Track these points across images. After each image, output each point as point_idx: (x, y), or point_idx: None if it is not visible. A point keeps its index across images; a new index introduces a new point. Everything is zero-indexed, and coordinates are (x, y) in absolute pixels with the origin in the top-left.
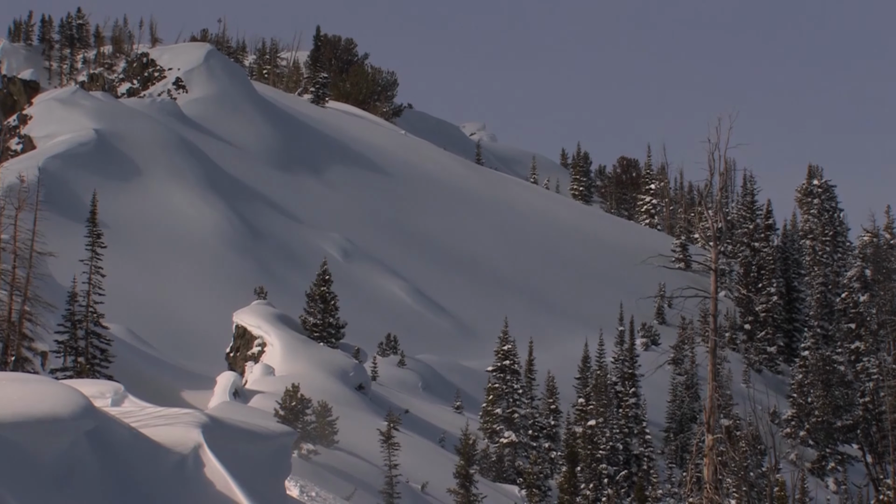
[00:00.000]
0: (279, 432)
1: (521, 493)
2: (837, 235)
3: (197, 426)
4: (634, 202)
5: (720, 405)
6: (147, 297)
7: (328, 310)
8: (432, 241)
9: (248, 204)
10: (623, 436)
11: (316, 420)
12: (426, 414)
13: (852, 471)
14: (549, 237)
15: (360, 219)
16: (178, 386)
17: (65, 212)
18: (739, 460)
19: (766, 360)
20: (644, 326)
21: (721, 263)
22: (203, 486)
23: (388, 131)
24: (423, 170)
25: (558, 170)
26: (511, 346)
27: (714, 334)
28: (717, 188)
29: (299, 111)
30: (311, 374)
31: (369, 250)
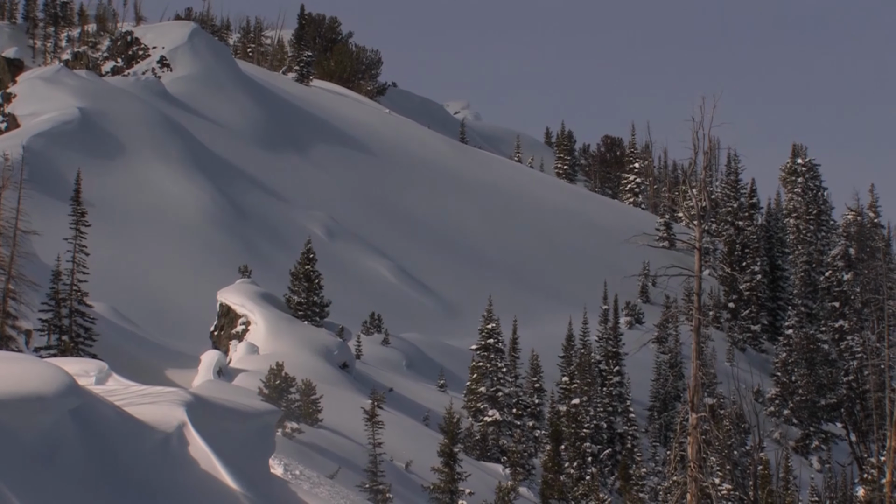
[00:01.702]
0: (263, 411)
1: (505, 472)
2: (821, 214)
3: (181, 405)
4: (618, 181)
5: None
6: (131, 276)
7: (312, 288)
8: (416, 219)
9: (233, 182)
10: (607, 414)
11: (300, 398)
12: (410, 392)
13: (836, 449)
14: (533, 216)
15: (344, 197)
16: (162, 364)
17: (49, 190)
18: (723, 439)
19: (750, 338)
20: (628, 305)
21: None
22: (187, 465)
23: (372, 110)
24: (408, 148)
25: (542, 149)
26: (495, 325)
27: (698, 313)
28: (701, 167)
29: (283, 90)
30: (296, 353)
31: (353, 229)
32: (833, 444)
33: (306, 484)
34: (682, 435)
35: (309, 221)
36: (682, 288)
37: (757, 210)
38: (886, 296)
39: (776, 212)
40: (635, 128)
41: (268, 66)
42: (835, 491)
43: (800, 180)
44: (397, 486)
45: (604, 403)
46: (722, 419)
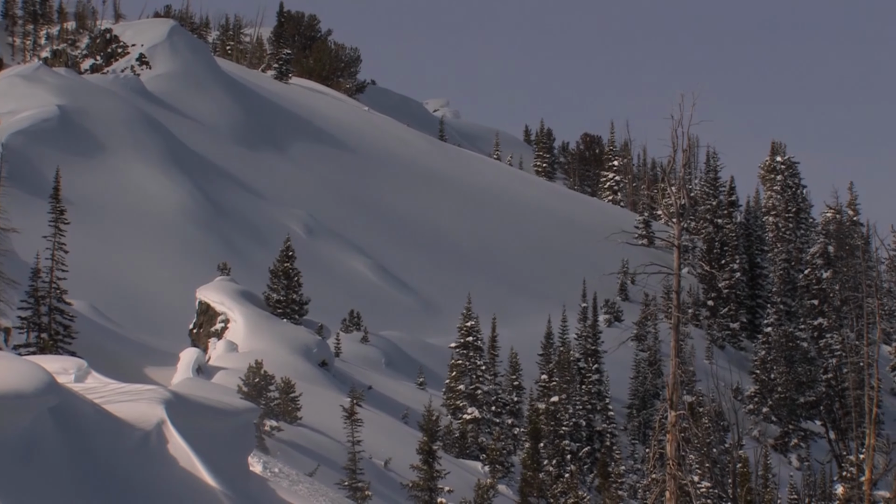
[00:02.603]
0: (242, 408)
1: (484, 469)
2: (800, 212)
3: (160, 402)
4: (597, 179)
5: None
6: (110, 274)
7: (291, 286)
8: (396, 217)
9: (212, 180)
10: (586, 412)
11: (279, 396)
12: (389, 390)
13: (815, 447)
14: (512, 214)
15: (323, 195)
16: (141, 362)
17: (28, 188)
18: (702, 436)
19: (729, 336)
20: (607, 303)
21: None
22: (166, 463)
23: (351, 108)
24: (387, 146)
25: (522, 146)
26: (474, 323)
27: (677, 310)
28: (680, 165)
29: (262, 87)
30: (275, 351)
31: (333, 227)
32: (812, 441)
33: (285, 482)
34: (661, 433)
35: (288, 219)
36: (662, 286)
37: (736, 208)
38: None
39: (755, 209)
40: (614, 126)
41: (247, 63)
42: (814, 489)
43: (779, 178)
44: (376, 483)
45: (583, 401)
46: (701, 417)
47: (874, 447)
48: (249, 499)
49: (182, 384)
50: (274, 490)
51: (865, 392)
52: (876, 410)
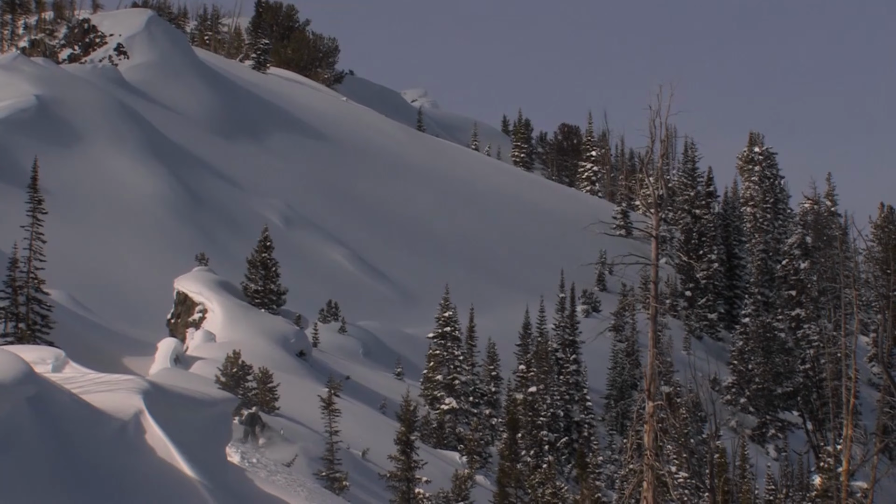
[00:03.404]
0: (220, 398)
1: (462, 460)
2: (778, 203)
3: (138, 392)
4: (575, 169)
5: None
6: (88, 264)
7: (269, 276)
8: (374, 208)
9: (190, 170)
10: (564, 402)
11: (257, 386)
12: (367, 380)
13: (793, 438)
14: (490, 204)
15: (301, 185)
16: (119, 352)
17: (6, 178)
18: (680, 427)
19: (707, 326)
20: (585, 293)
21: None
22: (144, 452)
23: (329, 98)
24: (365, 136)
25: (500, 137)
26: (452, 313)
27: (655, 301)
28: (658, 155)
29: (240, 77)
30: (253, 341)
31: (310, 217)
32: (789, 432)
33: (263, 472)
34: (639, 423)
35: (266, 209)
36: (639, 276)
37: (714, 198)
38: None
39: (733, 200)
40: (592, 116)
41: (225, 53)
42: (791, 479)
43: (757, 169)
44: (354, 473)
45: (560, 392)
46: (679, 407)
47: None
48: (227, 489)
49: (160, 374)
50: (251, 480)
51: (843, 382)
52: (853, 401)
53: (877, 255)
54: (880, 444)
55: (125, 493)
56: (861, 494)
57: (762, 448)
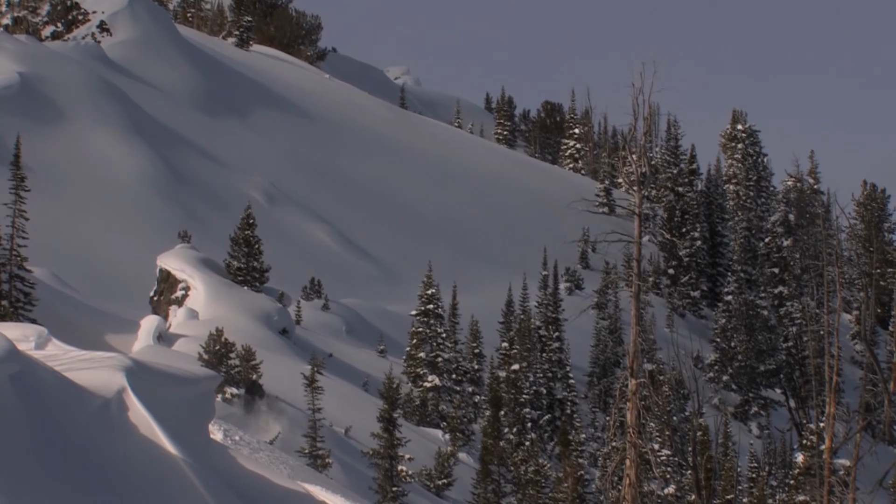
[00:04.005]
0: (203, 376)
1: (445, 437)
2: (761, 180)
3: (121, 370)
4: (558, 147)
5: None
6: (71, 241)
7: (252, 254)
8: (357, 185)
9: (173, 147)
10: (546, 380)
11: (240, 364)
12: (350, 358)
13: (775, 415)
14: (473, 181)
15: (284, 163)
16: (101, 329)
17: None
18: (663, 405)
19: (690, 304)
20: (568, 271)
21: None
22: (126, 430)
23: (312, 75)
24: (348, 114)
25: (482, 114)
26: (435, 291)
27: (638, 279)
28: (641, 133)
29: (223, 55)
30: (235, 318)
31: (293, 194)
32: (772, 410)
33: (246, 449)
34: (622, 401)
35: (248, 186)
36: (622, 254)
37: (697, 176)
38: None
39: (716, 178)
40: (575, 94)
41: (207, 31)
42: (774, 457)
43: (740, 146)
44: (337, 451)
45: (543, 369)
46: (661, 385)
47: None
48: (210, 467)
49: (142, 351)
50: (234, 458)
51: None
52: (836, 379)
53: (859, 233)
54: (863, 422)
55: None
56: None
57: (745, 426)
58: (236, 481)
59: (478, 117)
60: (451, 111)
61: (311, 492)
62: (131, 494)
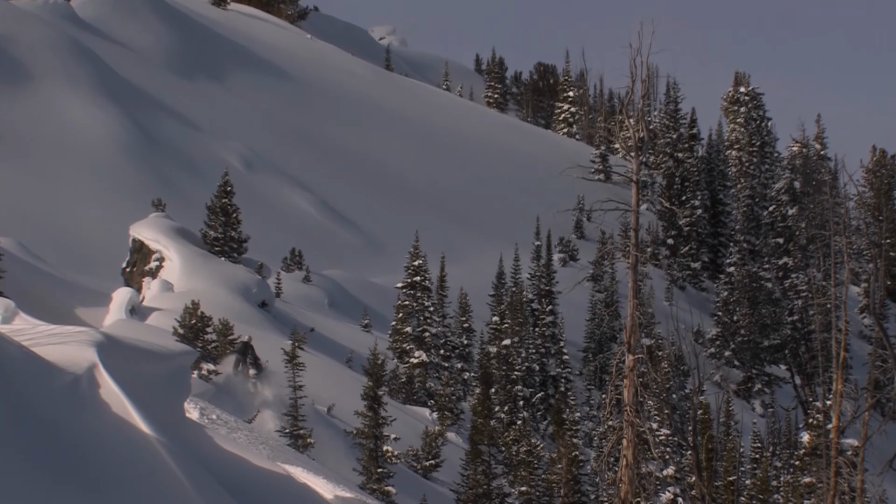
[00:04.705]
0: (178, 351)
1: (433, 416)
2: (765, 146)
3: (91, 345)
4: (552, 110)
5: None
6: (39, 210)
7: (230, 223)
8: (340, 151)
9: (146, 111)
10: (539, 356)
11: (217, 339)
12: (332, 332)
13: (780, 393)
14: (462, 147)
15: (263, 127)
16: (71, 303)
17: None
18: (661, 382)
19: (690, 276)
20: (562, 241)
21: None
22: (98, 408)
23: (293, 35)
24: (330, 76)
25: (472, 76)
26: (422, 262)
27: (635, 249)
28: (638, 96)
29: (199, 13)
30: (212, 291)
31: (273, 161)
32: (777, 387)
33: (223, 429)
34: (618, 378)
35: (226, 152)
36: (619, 223)
37: (697, 141)
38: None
39: (717, 143)
40: (570, 55)
41: None
42: (778, 436)
43: (742, 110)
44: (319, 430)
45: (536, 345)
46: (660, 361)
47: (841, 393)
48: (185, 447)
49: (114, 326)
50: (211, 438)
51: (832, 335)
52: (843, 354)
53: (868, 201)
54: (871, 400)
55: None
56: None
57: (748, 404)
58: (213, 462)
59: (467, 80)
60: (439, 73)
61: (292, 473)
62: (102, 475)
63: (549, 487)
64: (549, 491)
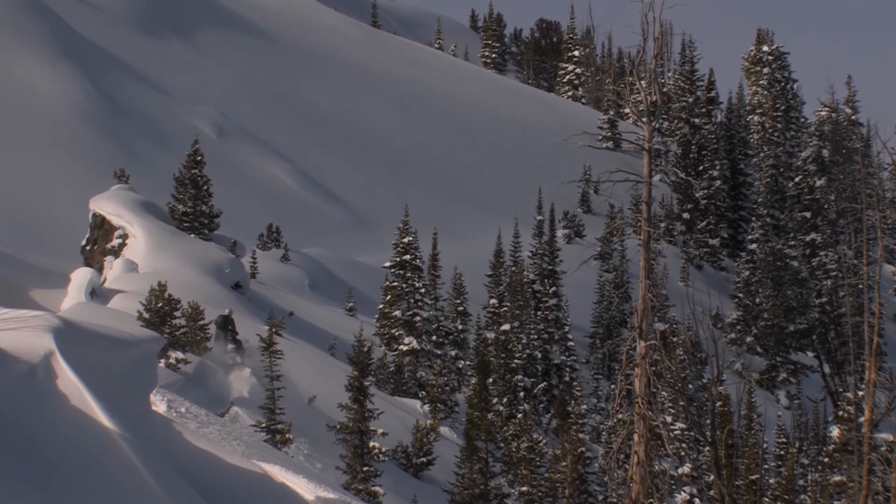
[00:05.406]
0: (143, 338)
1: (424, 409)
2: (790, 110)
3: (48, 330)
4: (555, 71)
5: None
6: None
7: (200, 196)
8: (321, 116)
9: (108, 73)
10: (542, 343)
11: (186, 324)
12: (314, 317)
13: (807, 382)
14: (456, 112)
15: (237, 91)
16: (25, 284)
17: None
18: (676, 371)
19: (708, 254)
20: (566, 215)
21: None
22: (55, 399)
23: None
24: (311, 34)
25: (467, 34)
26: (412, 239)
27: (647, 225)
28: (651, 55)
29: None
30: (181, 271)
31: (248, 127)
32: (803, 376)
33: (193, 423)
34: (629, 366)
35: (196, 118)
36: (629, 196)
37: (716, 105)
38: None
39: (738, 107)
40: (575, 10)
41: None
42: (805, 431)
43: (765, 71)
44: (298, 424)
45: (538, 330)
46: (675, 348)
47: (875, 382)
48: (151, 443)
49: (74, 309)
50: (180, 433)
51: (865, 318)
52: (877, 340)
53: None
54: None
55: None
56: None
57: (772, 395)
58: (182, 460)
59: (462, 38)
60: (431, 31)
61: (269, 472)
62: (59, 474)
63: (552, 487)
64: (553, 491)
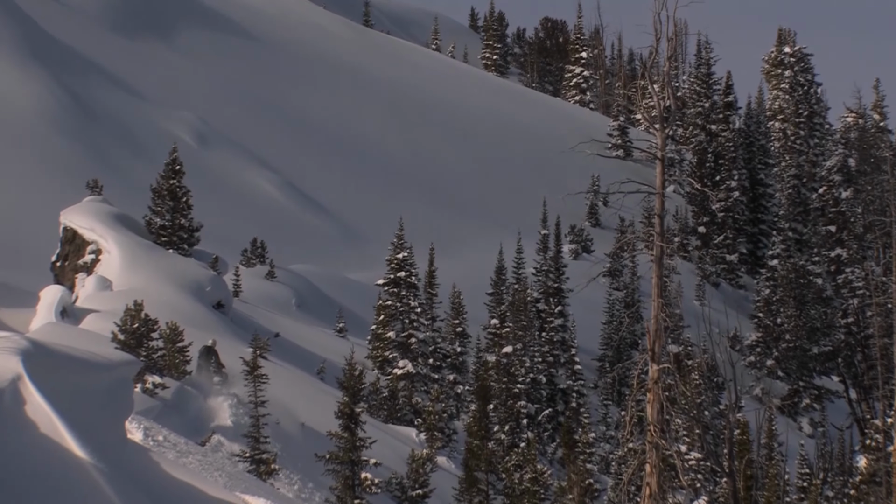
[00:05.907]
0: (118, 361)
1: (420, 437)
2: (814, 116)
3: (15, 353)
4: (561, 74)
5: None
6: None
7: (179, 208)
8: (310, 122)
9: (80, 76)
10: (547, 366)
11: (164, 346)
12: (301, 338)
13: (832, 409)
14: (455, 118)
15: (218, 95)
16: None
17: None
18: (691, 396)
19: (726, 270)
20: (573, 229)
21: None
22: (23, 427)
23: None
24: (299, 34)
25: (466, 34)
26: (407, 254)
27: (660, 239)
28: (664, 57)
29: None
30: (158, 289)
31: (231, 134)
32: (828, 402)
33: (172, 452)
34: (640, 391)
35: (175, 125)
36: (641, 208)
37: (734, 111)
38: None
39: (758, 113)
40: (582, 8)
41: None
42: (830, 460)
43: (787, 74)
44: (285, 454)
45: (543, 352)
46: (690, 372)
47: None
48: (126, 473)
49: (43, 330)
50: (157, 463)
51: (894, 340)
52: None
53: None
54: None
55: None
56: None
57: (794, 422)
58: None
59: (461, 38)
60: (428, 30)
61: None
62: None
63: None
64: None
